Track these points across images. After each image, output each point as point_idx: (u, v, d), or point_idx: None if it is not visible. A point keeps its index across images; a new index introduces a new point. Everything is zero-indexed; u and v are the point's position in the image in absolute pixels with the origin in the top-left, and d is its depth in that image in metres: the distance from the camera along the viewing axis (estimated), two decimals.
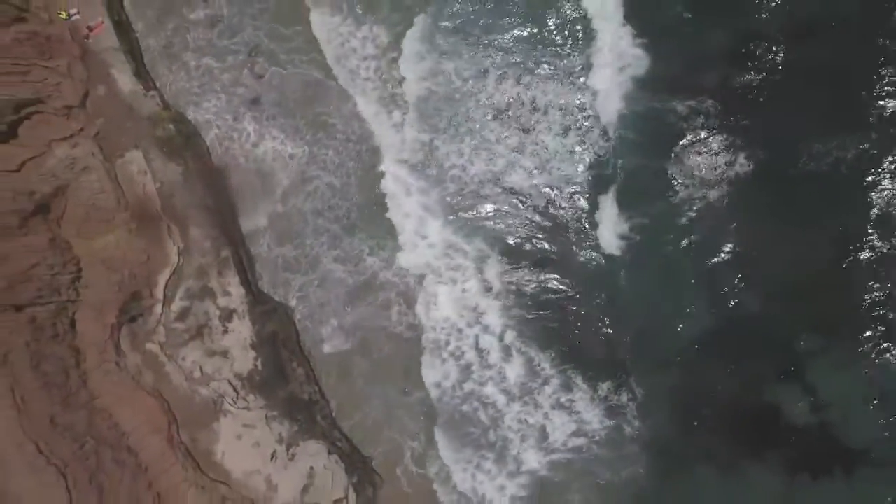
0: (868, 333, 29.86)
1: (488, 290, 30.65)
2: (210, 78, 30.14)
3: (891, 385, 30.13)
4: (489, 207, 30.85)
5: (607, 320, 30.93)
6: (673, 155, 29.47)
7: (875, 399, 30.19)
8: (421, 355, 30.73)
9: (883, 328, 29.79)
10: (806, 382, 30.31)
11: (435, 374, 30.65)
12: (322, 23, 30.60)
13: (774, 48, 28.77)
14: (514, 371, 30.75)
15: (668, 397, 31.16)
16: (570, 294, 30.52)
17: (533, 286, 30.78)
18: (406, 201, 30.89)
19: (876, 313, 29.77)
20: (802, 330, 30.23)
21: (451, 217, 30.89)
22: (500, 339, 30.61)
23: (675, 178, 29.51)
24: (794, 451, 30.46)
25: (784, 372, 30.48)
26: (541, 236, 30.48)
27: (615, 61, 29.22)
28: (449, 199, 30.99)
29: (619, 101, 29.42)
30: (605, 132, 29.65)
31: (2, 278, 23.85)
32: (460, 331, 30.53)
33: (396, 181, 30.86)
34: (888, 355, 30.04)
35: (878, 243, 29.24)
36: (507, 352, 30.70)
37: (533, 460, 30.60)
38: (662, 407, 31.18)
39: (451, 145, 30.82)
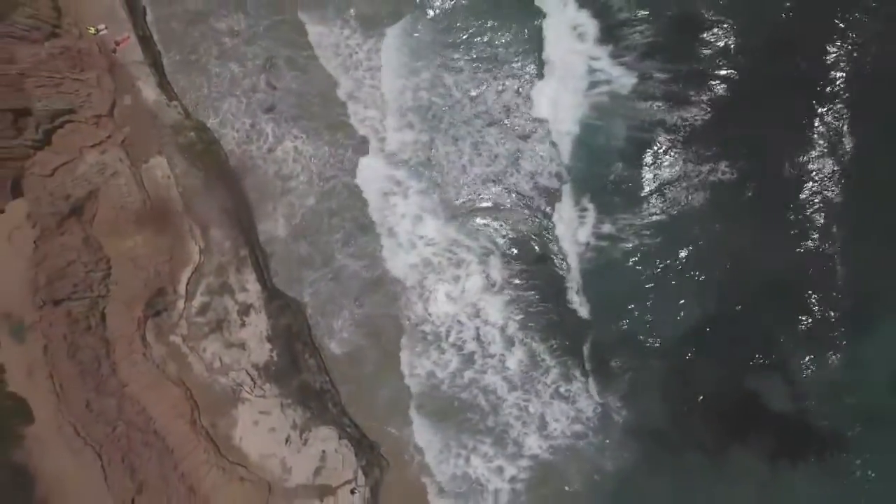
0: (841, 326, 31.71)
1: (491, 284, 32.69)
2: (228, 88, 32.26)
3: (863, 374, 32.01)
4: (488, 207, 32.75)
5: (603, 315, 32.79)
6: (657, 162, 31.12)
7: (847, 387, 32.06)
8: (406, 346, 32.66)
9: (854, 321, 31.68)
10: (784, 373, 32.12)
11: (424, 364, 32.53)
12: (318, 33, 32.73)
13: (749, 63, 30.60)
14: (514, 361, 32.68)
15: (659, 387, 33.01)
16: (564, 288, 32.46)
17: (532, 281, 32.78)
18: (402, 203, 32.63)
19: (847, 308, 31.65)
20: (781, 323, 32.04)
21: (453, 216, 32.76)
22: (503, 331, 32.56)
23: (661, 183, 31.18)
24: (773, 437, 32.29)
25: (763, 364, 32.26)
26: (535, 237, 32.51)
27: (588, 77, 30.96)
28: (450, 199, 32.81)
29: (595, 113, 31.11)
30: (588, 144, 31.42)
31: (42, 275, 26.09)
32: (461, 323, 32.47)
33: (392, 183, 32.71)
34: (860, 346, 31.91)
35: (849, 242, 31.15)
36: (509, 343, 32.57)
37: (534, 445, 32.54)
38: (654, 395, 33.00)
39: (449, 147, 32.58)
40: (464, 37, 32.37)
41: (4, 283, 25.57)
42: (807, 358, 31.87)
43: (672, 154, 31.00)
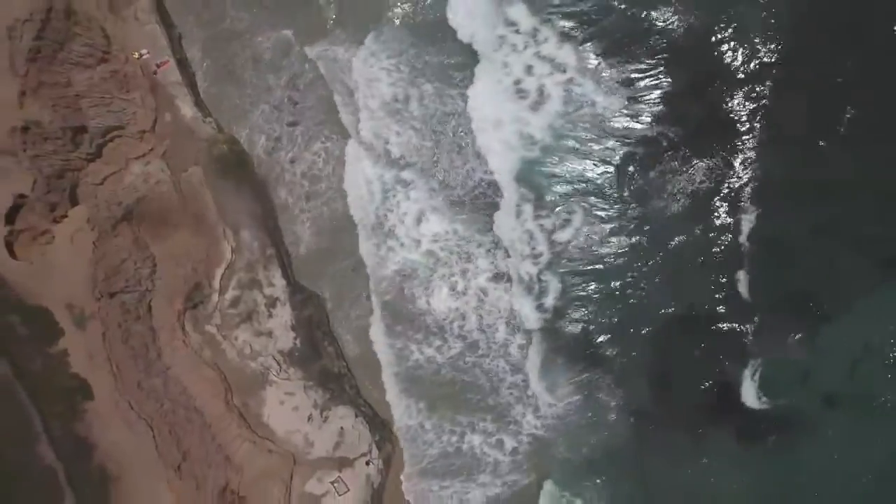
0: (803, 322, 35.54)
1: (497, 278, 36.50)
2: (255, 105, 36.03)
3: (825, 362, 35.74)
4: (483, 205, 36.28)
5: (595, 309, 36.63)
6: (634, 173, 34.75)
7: (808, 377, 35.82)
8: (402, 334, 36.38)
9: (817, 317, 35.48)
10: (752, 360, 35.78)
11: (426, 351, 36.39)
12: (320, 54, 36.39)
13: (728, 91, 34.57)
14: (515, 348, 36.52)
15: (636, 374, 36.70)
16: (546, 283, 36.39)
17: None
18: (405, 203, 36.12)
19: (811, 301, 35.37)
20: (750, 315, 35.79)
21: (457, 213, 36.21)
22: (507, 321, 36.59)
23: (635, 191, 34.96)
24: (741, 419, 35.79)
25: (732, 352, 35.87)
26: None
27: (568, 102, 34.41)
28: (454, 198, 36.18)
29: (571, 130, 34.52)
30: (566, 158, 35.11)
31: (100, 271, 30.03)
32: (464, 317, 36.44)
33: (397, 183, 36.08)
34: (822, 336, 35.64)
35: (808, 241, 34.94)
36: (511, 331, 36.42)
37: (529, 423, 36.61)
38: (629, 383, 36.68)
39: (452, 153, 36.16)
40: (450, 60, 35.93)
41: (69, 278, 29.49)
42: (773, 347, 35.48)
43: (646, 165, 34.73)
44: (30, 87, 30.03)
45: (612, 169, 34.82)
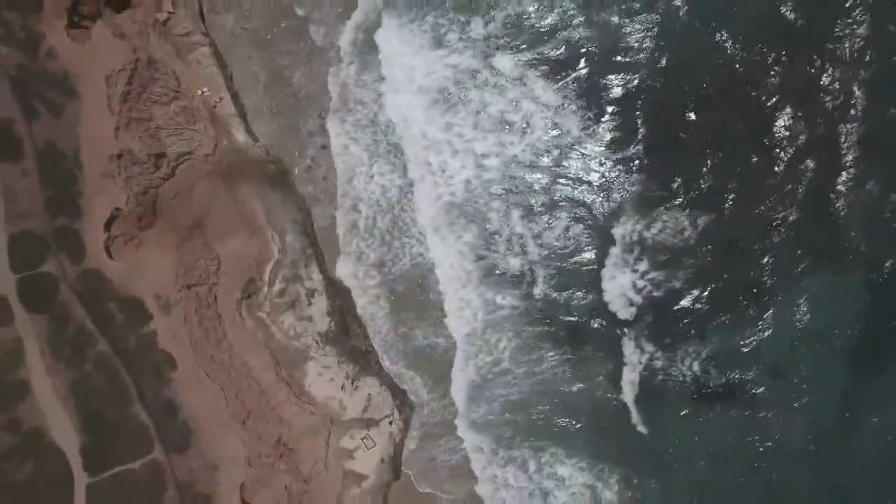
0: (749, 307, 42.73)
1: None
2: (295, 131, 43.82)
3: (767, 337, 42.81)
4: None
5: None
6: (617, 184, 42.76)
7: (755, 348, 42.81)
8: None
9: (761, 305, 42.68)
10: (702, 338, 43.10)
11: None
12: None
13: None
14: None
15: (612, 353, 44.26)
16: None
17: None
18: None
19: (753, 284, 42.43)
20: (704, 305, 43.23)
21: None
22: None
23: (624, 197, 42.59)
24: (696, 394, 42.92)
25: (694, 337, 43.14)
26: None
27: (552, 132, 42.10)
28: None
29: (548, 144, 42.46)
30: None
31: (181, 268, 37.87)
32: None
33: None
34: (764, 315, 42.84)
35: (756, 239, 42.24)
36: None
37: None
38: (606, 359, 44.11)
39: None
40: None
41: (158, 274, 37.36)
42: (720, 325, 42.55)
43: (619, 178, 42.65)
44: (122, 122, 37.78)
45: (590, 180, 42.71)
